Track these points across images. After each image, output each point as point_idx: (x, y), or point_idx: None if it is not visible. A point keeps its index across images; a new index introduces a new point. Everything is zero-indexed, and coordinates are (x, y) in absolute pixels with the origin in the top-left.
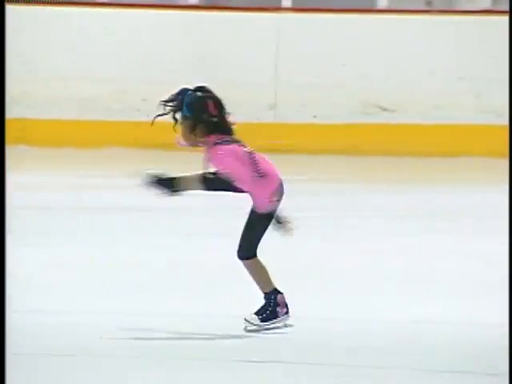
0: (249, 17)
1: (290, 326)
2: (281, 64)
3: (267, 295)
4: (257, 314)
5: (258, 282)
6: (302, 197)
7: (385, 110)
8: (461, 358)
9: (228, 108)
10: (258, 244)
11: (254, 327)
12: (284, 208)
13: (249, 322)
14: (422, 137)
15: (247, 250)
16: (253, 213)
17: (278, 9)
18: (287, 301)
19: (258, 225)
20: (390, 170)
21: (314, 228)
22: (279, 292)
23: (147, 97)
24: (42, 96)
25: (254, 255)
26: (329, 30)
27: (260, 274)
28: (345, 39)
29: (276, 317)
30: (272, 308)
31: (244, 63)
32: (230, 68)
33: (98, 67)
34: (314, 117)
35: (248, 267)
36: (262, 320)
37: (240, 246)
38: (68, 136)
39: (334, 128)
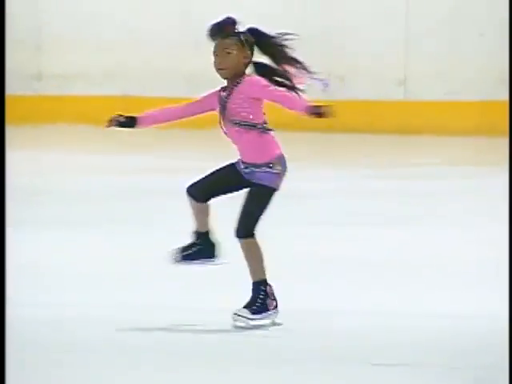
0: None
1: (279, 324)
2: (411, 35)
3: (257, 284)
4: (246, 306)
5: (251, 267)
6: (430, 181)
7: None
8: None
9: (352, 82)
10: (258, 222)
11: (243, 323)
12: (412, 192)
13: (238, 315)
14: None
15: (248, 226)
16: (263, 188)
17: None
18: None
19: (264, 200)
20: None
21: (439, 216)
22: (268, 283)
23: None
24: (146, 70)
25: (253, 234)
26: None
27: (256, 258)
28: (481, 6)
29: (267, 309)
30: (262, 299)
31: (371, 34)
32: (356, 40)
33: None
34: (448, 93)
35: (245, 248)
36: (253, 312)
37: (240, 223)
38: None
39: (469, 105)
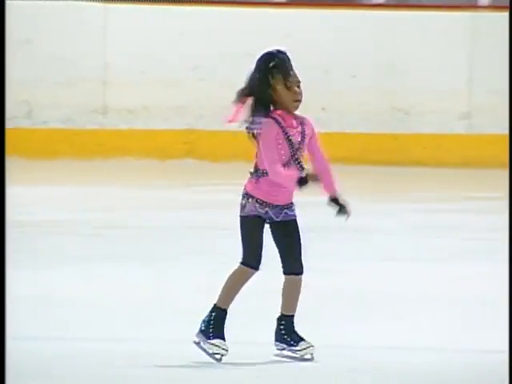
0: (439, 16)
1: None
2: (476, 68)
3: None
4: None
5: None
6: (492, 216)
7: None
8: None
9: (416, 116)
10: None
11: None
12: (476, 226)
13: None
14: None
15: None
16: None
17: (474, 7)
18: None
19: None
20: None
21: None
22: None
23: (327, 106)
24: (213, 105)
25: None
26: None
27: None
28: None
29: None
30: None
31: (433, 67)
32: (420, 74)
33: None
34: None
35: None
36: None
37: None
38: (240, 150)
39: None
